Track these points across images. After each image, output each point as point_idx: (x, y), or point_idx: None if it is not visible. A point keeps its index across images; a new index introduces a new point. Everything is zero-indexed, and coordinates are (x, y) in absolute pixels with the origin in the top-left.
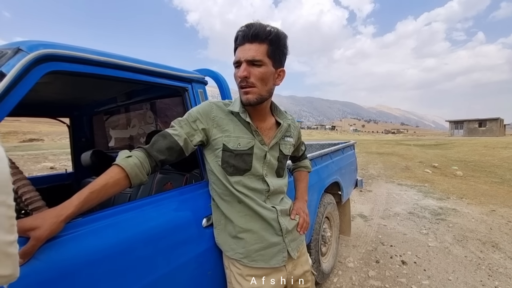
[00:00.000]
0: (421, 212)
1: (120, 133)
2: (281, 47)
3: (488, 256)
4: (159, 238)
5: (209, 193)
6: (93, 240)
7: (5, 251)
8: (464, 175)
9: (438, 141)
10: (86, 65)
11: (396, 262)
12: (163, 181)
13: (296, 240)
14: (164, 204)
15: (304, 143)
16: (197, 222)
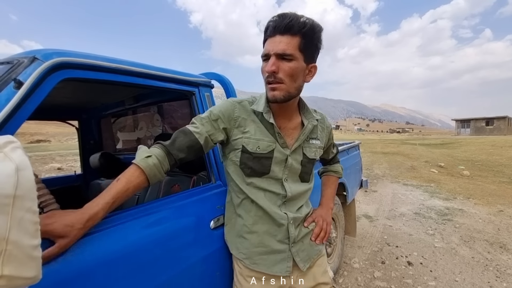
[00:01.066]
0: (427, 212)
1: (127, 135)
2: (315, 40)
3: (496, 257)
4: (168, 240)
5: (216, 196)
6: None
7: (30, 254)
8: (471, 174)
9: (444, 140)
10: (98, 72)
11: (402, 263)
12: (171, 183)
13: (308, 250)
14: (172, 207)
15: (336, 145)
16: (205, 224)
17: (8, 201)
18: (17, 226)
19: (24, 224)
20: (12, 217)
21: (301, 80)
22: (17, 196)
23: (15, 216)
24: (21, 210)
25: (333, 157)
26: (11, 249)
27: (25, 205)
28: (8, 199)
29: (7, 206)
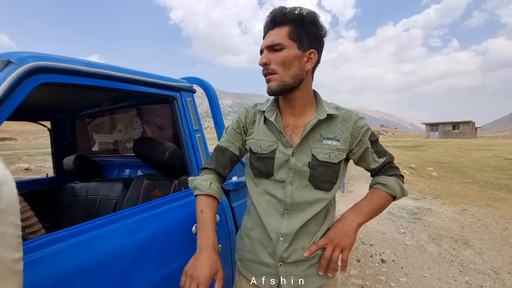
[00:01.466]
0: (399, 212)
1: (104, 137)
2: (307, 26)
3: (459, 253)
4: (149, 246)
5: None
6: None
7: (12, 268)
8: (439, 176)
9: (415, 142)
10: (77, 77)
11: (376, 261)
12: (151, 187)
13: (305, 277)
14: (155, 213)
15: (385, 152)
16: (187, 229)
17: None
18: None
19: (6, 239)
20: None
21: (297, 68)
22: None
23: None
24: (3, 224)
25: (382, 167)
26: None
27: (7, 220)
28: None
29: None
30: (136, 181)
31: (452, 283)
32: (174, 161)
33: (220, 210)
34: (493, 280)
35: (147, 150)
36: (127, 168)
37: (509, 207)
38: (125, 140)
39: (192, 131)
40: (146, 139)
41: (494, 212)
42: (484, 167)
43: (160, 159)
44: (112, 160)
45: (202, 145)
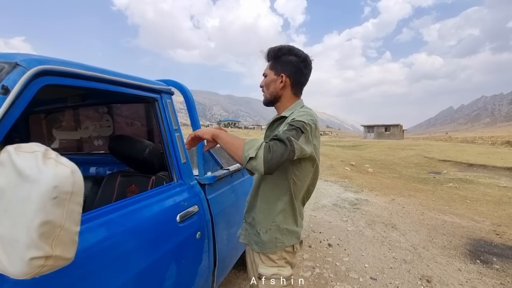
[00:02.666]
0: (342, 203)
1: (67, 134)
2: (281, 58)
3: (389, 234)
4: (139, 235)
5: (180, 193)
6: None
7: (73, 239)
8: (373, 171)
9: (355, 142)
10: (76, 79)
11: (324, 245)
12: (126, 183)
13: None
14: (141, 205)
15: (294, 128)
16: (172, 218)
17: (66, 196)
18: (69, 216)
19: (73, 215)
20: (67, 209)
21: (272, 88)
22: (73, 192)
23: (69, 208)
24: (74, 203)
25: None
26: (62, 234)
27: (76, 199)
28: (67, 195)
29: (65, 200)
30: (109, 178)
31: (383, 259)
32: (153, 158)
33: (197, 202)
34: (412, 254)
35: (126, 148)
36: (93, 166)
37: (425, 196)
38: (93, 137)
39: (171, 130)
40: (124, 137)
41: (414, 201)
42: (408, 164)
43: (139, 156)
44: (75, 157)
45: (180, 143)
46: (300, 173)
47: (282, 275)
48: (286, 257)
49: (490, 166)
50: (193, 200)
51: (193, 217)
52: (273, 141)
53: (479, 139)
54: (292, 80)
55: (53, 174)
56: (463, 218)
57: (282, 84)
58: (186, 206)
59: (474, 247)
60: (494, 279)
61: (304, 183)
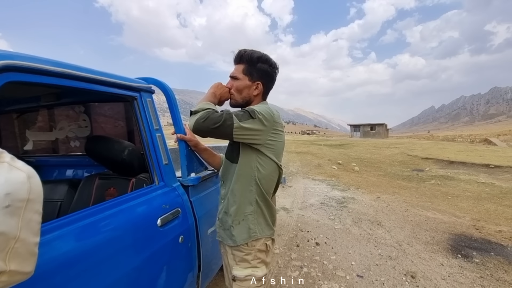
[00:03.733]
0: (329, 202)
1: (41, 135)
2: (257, 65)
3: (374, 232)
4: (118, 240)
5: (161, 196)
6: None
7: (32, 251)
8: (360, 170)
9: (342, 141)
10: (44, 76)
11: (312, 244)
12: (104, 186)
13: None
14: (122, 208)
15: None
16: (152, 222)
17: (22, 204)
18: (26, 226)
19: (31, 224)
20: (23, 218)
21: (246, 93)
22: (29, 200)
23: (26, 217)
24: (31, 211)
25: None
26: (18, 246)
27: (34, 207)
28: (22, 203)
29: (20, 209)
30: (86, 181)
31: (369, 256)
32: (133, 160)
33: (180, 204)
34: (397, 250)
35: (103, 149)
36: (70, 168)
37: (409, 193)
38: (70, 138)
39: (152, 130)
40: (102, 138)
41: (399, 198)
42: (393, 162)
43: (118, 157)
44: (50, 159)
45: (162, 144)
46: (263, 161)
47: (256, 275)
48: (260, 256)
49: (470, 163)
50: (175, 203)
51: (175, 220)
52: (216, 112)
53: (459, 137)
54: (265, 87)
55: (5, 180)
56: (444, 214)
57: (257, 91)
58: (167, 209)
59: (455, 242)
60: (474, 272)
61: (269, 171)
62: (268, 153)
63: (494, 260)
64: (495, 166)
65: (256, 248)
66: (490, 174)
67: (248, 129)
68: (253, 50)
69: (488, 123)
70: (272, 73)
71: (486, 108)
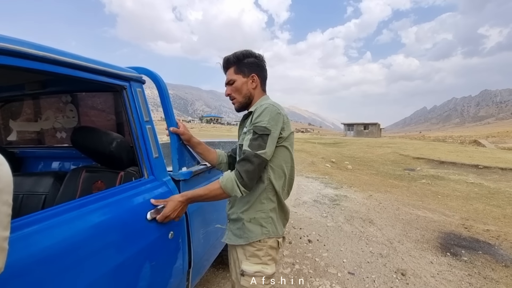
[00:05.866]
0: (322, 199)
1: (26, 125)
2: (245, 60)
3: (366, 230)
4: (106, 235)
5: (151, 189)
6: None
7: (1, 246)
8: (352, 168)
9: (336, 140)
10: (25, 60)
11: (304, 241)
12: (91, 180)
13: (230, 229)
14: (109, 202)
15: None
16: (141, 216)
17: None
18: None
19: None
20: None
21: (245, 90)
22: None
23: None
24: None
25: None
26: None
27: (2, 198)
28: None
29: None
30: (72, 174)
31: (360, 253)
32: (121, 152)
33: None
34: (388, 248)
35: (90, 141)
36: (55, 161)
37: (401, 192)
38: (56, 129)
39: (142, 122)
40: (88, 129)
41: (391, 196)
42: (385, 161)
43: (105, 150)
44: (35, 151)
45: (152, 137)
46: (276, 158)
47: (265, 273)
48: (271, 253)
49: (459, 164)
50: (165, 198)
51: None
52: (243, 162)
53: (450, 138)
54: (261, 78)
55: None
56: (435, 213)
57: (254, 84)
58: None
59: (445, 240)
60: (463, 270)
61: (282, 169)
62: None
63: (482, 259)
64: (484, 167)
65: (268, 244)
66: (479, 175)
67: (272, 145)
68: (235, 51)
69: (478, 125)
70: (260, 62)
71: (476, 110)
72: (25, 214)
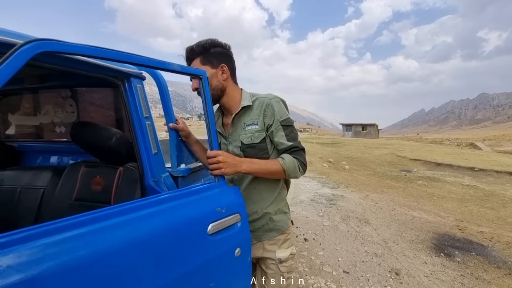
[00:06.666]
0: (319, 199)
1: (25, 119)
2: (211, 51)
3: (362, 229)
4: (158, 245)
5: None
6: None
7: None
8: (350, 168)
9: (334, 140)
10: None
11: (300, 240)
12: (90, 175)
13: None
14: (169, 206)
15: (294, 138)
16: (201, 228)
17: None
18: None
19: None
20: None
21: (215, 82)
22: None
23: None
24: None
25: (289, 148)
26: None
27: None
28: None
29: None
30: (71, 169)
31: (355, 252)
32: (120, 148)
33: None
34: (383, 248)
35: (89, 135)
36: (54, 155)
37: (397, 193)
38: (55, 123)
39: (141, 118)
40: (88, 124)
41: (387, 197)
42: (382, 162)
43: (105, 145)
44: (34, 145)
45: (152, 133)
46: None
47: (294, 252)
48: (290, 237)
49: (456, 166)
50: (234, 207)
51: (232, 228)
52: (298, 152)
53: (447, 140)
54: (230, 68)
55: None
56: (430, 214)
57: (225, 75)
58: (223, 213)
59: (439, 241)
60: (456, 271)
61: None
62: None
63: (475, 260)
64: (479, 170)
65: (291, 227)
66: (474, 177)
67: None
68: (199, 41)
69: (475, 128)
70: (228, 52)
71: (473, 113)
72: (23, 207)
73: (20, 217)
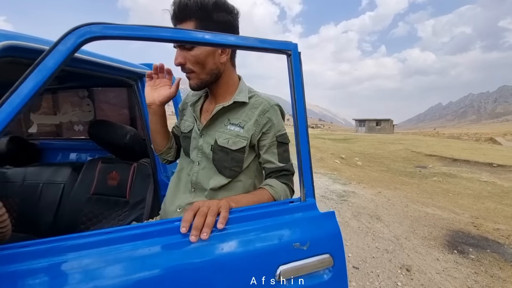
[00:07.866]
0: (330, 195)
1: (46, 118)
2: (214, 17)
3: (373, 226)
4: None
5: (297, 224)
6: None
7: None
8: (362, 165)
9: (346, 136)
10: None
11: None
12: (107, 170)
13: None
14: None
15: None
16: (267, 272)
17: None
18: None
19: None
20: None
21: (211, 64)
22: None
23: None
24: None
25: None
26: None
27: None
28: None
29: None
30: (89, 165)
31: (366, 248)
32: (134, 144)
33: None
34: (395, 244)
35: (106, 133)
36: (73, 152)
37: (411, 189)
38: (73, 122)
39: None
40: (104, 122)
41: (400, 193)
42: (396, 158)
43: (120, 142)
44: (54, 143)
45: None
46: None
47: None
48: None
49: (473, 162)
50: (322, 243)
51: (316, 276)
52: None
53: (465, 135)
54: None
55: None
56: (444, 211)
57: (224, 57)
58: (304, 252)
59: (452, 238)
60: (469, 268)
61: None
62: None
63: (490, 257)
64: (498, 165)
65: None
66: (492, 173)
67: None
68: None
69: (495, 122)
70: (235, 22)
71: (493, 107)
72: (45, 201)
73: (43, 210)
